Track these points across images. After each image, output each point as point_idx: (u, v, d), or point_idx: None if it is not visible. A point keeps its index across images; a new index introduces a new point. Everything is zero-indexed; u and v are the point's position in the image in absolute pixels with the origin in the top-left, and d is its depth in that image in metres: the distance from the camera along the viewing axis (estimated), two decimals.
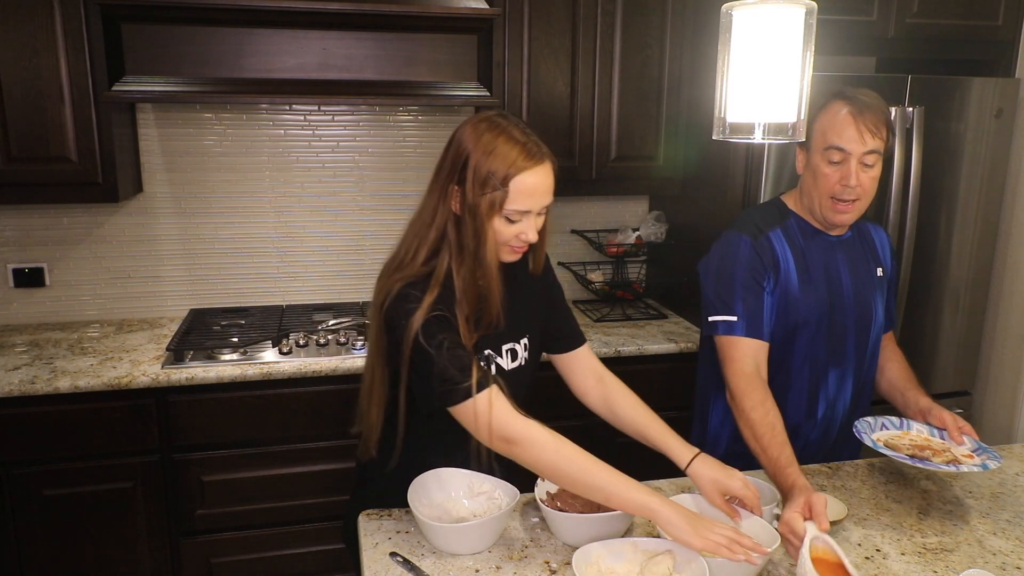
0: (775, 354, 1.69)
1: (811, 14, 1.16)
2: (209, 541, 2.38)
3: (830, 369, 1.73)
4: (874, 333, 1.77)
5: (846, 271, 1.72)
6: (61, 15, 2.24)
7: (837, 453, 1.82)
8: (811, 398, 1.74)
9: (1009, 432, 2.76)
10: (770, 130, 1.20)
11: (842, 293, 1.71)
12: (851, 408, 1.80)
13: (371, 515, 1.51)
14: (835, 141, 1.58)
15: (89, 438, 2.23)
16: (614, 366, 2.56)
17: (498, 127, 1.34)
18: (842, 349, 1.73)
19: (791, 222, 1.72)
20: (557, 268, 3.13)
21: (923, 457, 1.55)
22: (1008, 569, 1.37)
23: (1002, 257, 2.77)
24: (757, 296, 1.64)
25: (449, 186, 1.35)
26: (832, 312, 1.70)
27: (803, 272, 1.68)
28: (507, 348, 1.50)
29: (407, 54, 2.51)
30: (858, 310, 1.72)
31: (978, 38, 2.67)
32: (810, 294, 1.68)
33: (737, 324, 1.63)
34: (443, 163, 1.37)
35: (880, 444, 1.60)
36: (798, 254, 1.69)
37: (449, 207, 1.36)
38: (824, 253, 1.71)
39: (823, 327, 1.70)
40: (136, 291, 2.79)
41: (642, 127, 2.73)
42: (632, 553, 1.28)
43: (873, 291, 1.75)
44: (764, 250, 1.67)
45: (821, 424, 1.78)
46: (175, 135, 2.71)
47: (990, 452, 1.57)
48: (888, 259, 1.82)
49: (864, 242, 1.79)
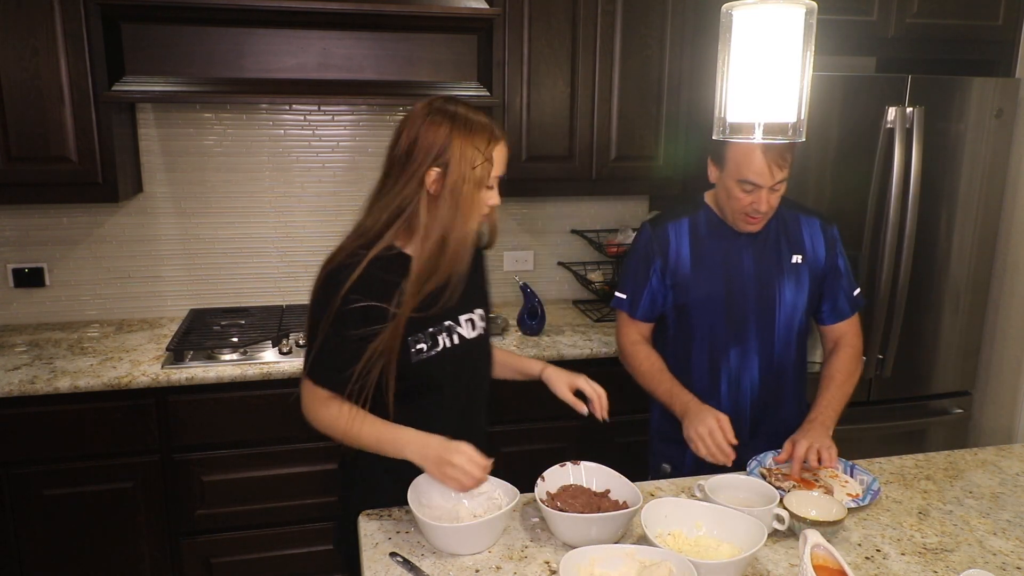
0: (676, 327, 1.92)
1: (811, 14, 1.16)
2: (209, 541, 2.38)
3: (731, 346, 1.87)
4: (781, 316, 1.86)
5: (749, 257, 1.85)
6: (61, 15, 2.24)
7: (757, 445, 1.85)
8: (712, 370, 1.89)
9: (1009, 432, 2.76)
10: (770, 130, 1.20)
11: (743, 276, 1.85)
12: (761, 389, 1.89)
13: (371, 515, 1.51)
14: (747, 176, 1.71)
15: (89, 438, 2.23)
16: (614, 366, 2.57)
17: (463, 107, 1.45)
18: (743, 329, 1.86)
19: (701, 213, 1.90)
20: (557, 268, 3.13)
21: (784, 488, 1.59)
22: (1008, 569, 1.37)
23: (1002, 257, 2.77)
24: (641, 281, 1.90)
25: (425, 171, 1.41)
26: (729, 293, 1.85)
27: (697, 257, 1.86)
28: (465, 319, 1.58)
29: (407, 54, 2.51)
30: (759, 293, 1.85)
31: (978, 38, 2.67)
32: (702, 277, 1.86)
33: (624, 302, 1.94)
34: (411, 151, 1.42)
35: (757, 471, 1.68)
36: (696, 241, 1.87)
37: (423, 190, 1.42)
38: (725, 241, 1.86)
39: (718, 306, 1.85)
40: (136, 291, 2.79)
41: (642, 127, 2.73)
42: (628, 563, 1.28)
43: (780, 277, 1.85)
44: (658, 238, 1.89)
45: (727, 399, 1.88)
46: (175, 135, 2.71)
47: (860, 501, 1.57)
48: (820, 249, 1.88)
49: (781, 231, 1.87)
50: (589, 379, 1.67)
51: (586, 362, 2.54)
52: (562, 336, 2.65)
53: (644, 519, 1.35)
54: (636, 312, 1.92)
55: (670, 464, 1.97)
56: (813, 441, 1.69)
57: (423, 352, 1.50)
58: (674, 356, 1.93)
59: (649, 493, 1.62)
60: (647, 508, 1.38)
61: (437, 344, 1.52)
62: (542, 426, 2.57)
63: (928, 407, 2.80)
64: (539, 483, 1.50)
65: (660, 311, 1.92)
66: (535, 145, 2.66)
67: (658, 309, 1.92)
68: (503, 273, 3.08)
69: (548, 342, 2.58)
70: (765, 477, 1.64)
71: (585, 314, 2.92)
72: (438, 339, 1.53)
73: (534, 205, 3.05)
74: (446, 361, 1.54)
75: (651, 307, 1.91)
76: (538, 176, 2.70)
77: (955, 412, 2.83)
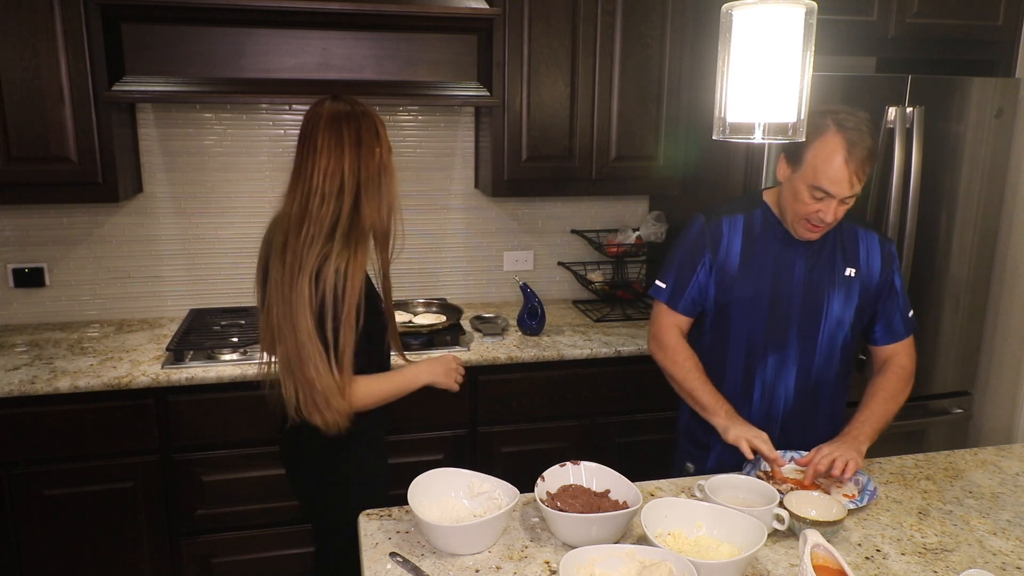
0: (714, 326, 1.86)
1: (811, 14, 1.16)
2: (209, 541, 2.38)
3: (769, 353, 1.81)
4: (825, 327, 1.79)
5: (801, 263, 1.79)
6: (61, 15, 2.24)
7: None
8: (747, 376, 1.83)
9: (1009, 432, 2.76)
10: (770, 130, 1.20)
11: (792, 281, 1.78)
12: (795, 401, 1.83)
13: (371, 515, 1.51)
14: (824, 184, 1.63)
15: (89, 438, 2.23)
16: (614, 366, 2.58)
17: (355, 104, 1.68)
18: (783, 336, 1.80)
19: (758, 212, 1.83)
20: (557, 268, 3.13)
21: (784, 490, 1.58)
22: (1008, 569, 1.37)
23: (1002, 257, 2.77)
24: (687, 273, 1.83)
25: (369, 151, 1.62)
26: (774, 297, 1.78)
27: (747, 255, 1.80)
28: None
29: (407, 54, 2.51)
30: (805, 300, 1.78)
31: (978, 38, 2.66)
32: (750, 276, 1.79)
33: (663, 291, 1.87)
34: (355, 136, 1.62)
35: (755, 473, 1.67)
36: (749, 239, 1.81)
37: (366, 169, 1.62)
38: (779, 243, 1.80)
39: (761, 309, 1.79)
40: (136, 291, 2.79)
41: (642, 127, 2.73)
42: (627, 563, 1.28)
43: (830, 288, 1.78)
44: (711, 230, 1.82)
45: (759, 409, 1.83)
46: (175, 135, 2.71)
47: (858, 502, 1.57)
48: (876, 265, 1.82)
49: (839, 241, 1.81)
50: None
51: (586, 362, 2.54)
52: (562, 336, 2.65)
53: (644, 519, 1.35)
54: (678, 305, 1.85)
55: (694, 465, 1.94)
56: (836, 451, 1.61)
57: None
58: (709, 356, 1.86)
59: (649, 493, 1.62)
60: (647, 508, 1.38)
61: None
62: (542, 426, 2.57)
63: (928, 407, 2.80)
64: (539, 483, 1.50)
65: (702, 307, 1.85)
66: (535, 145, 2.66)
67: (700, 304, 1.85)
68: (503, 273, 3.08)
69: (548, 342, 2.58)
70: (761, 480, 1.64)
71: (585, 314, 2.92)
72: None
73: (534, 205, 3.05)
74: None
75: (694, 302, 1.84)
76: (538, 176, 2.70)
77: (955, 412, 2.83)
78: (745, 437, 1.67)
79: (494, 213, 3.03)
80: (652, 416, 2.62)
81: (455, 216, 3.00)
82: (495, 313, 2.81)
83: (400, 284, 3.02)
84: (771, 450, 1.65)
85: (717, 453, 1.87)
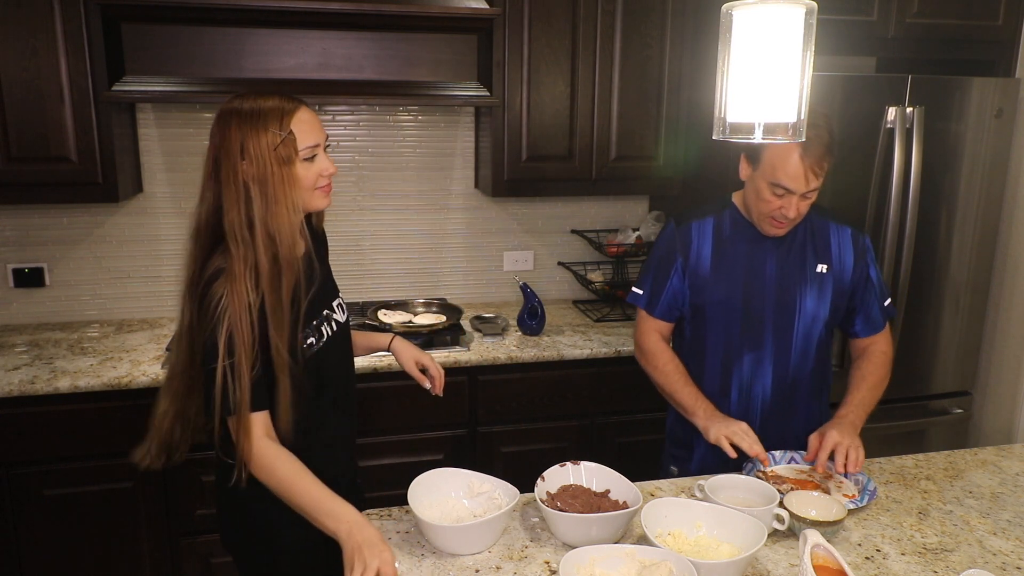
0: (691, 328, 1.90)
1: (811, 14, 1.16)
2: (209, 541, 2.38)
3: (745, 352, 1.83)
4: (799, 325, 1.81)
5: (772, 261, 1.81)
6: (61, 15, 2.24)
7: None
8: (724, 375, 1.85)
9: (1009, 432, 2.76)
10: (770, 130, 1.20)
11: (763, 280, 1.80)
12: (772, 398, 1.84)
13: (371, 515, 1.51)
14: (782, 181, 1.65)
15: (89, 438, 2.23)
16: (614, 366, 2.58)
17: (245, 99, 1.40)
18: (758, 334, 1.82)
19: (727, 213, 1.86)
20: (557, 268, 3.13)
21: (785, 490, 1.58)
22: (1008, 569, 1.37)
23: (1002, 257, 2.77)
24: (662, 279, 1.87)
25: (232, 169, 1.36)
26: (747, 296, 1.80)
27: (718, 257, 1.83)
28: (336, 303, 1.60)
29: (407, 54, 2.51)
30: (778, 299, 1.80)
31: (978, 38, 2.67)
32: (721, 277, 1.82)
33: (640, 298, 1.91)
34: (216, 159, 1.39)
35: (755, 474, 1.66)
36: (719, 241, 1.84)
37: (239, 188, 1.37)
38: (749, 243, 1.82)
39: (735, 309, 1.81)
40: (136, 291, 2.79)
41: (642, 127, 2.73)
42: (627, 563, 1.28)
43: (802, 284, 1.81)
44: (681, 235, 1.86)
45: (737, 407, 1.84)
46: (175, 135, 2.71)
47: (858, 502, 1.56)
48: (848, 259, 1.83)
49: (808, 238, 1.82)
50: (433, 359, 1.79)
51: (586, 362, 2.54)
52: (562, 336, 2.65)
53: (644, 519, 1.35)
54: (655, 310, 1.89)
55: (677, 468, 1.96)
56: (843, 439, 1.64)
57: (313, 346, 1.48)
58: (688, 357, 1.89)
59: (649, 493, 1.62)
60: (647, 508, 1.38)
61: (323, 335, 1.51)
62: (542, 426, 2.57)
63: (928, 407, 2.80)
64: (539, 483, 1.50)
65: (680, 311, 1.89)
66: (535, 145, 2.66)
67: (678, 309, 1.88)
68: (503, 273, 3.08)
69: (548, 342, 2.58)
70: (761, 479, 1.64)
71: (585, 314, 2.92)
72: (322, 330, 1.51)
73: (534, 205, 3.05)
74: (332, 350, 1.53)
75: (671, 307, 1.88)
76: (538, 176, 2.70)
77: (955, 412, 2.83)
78: (725, 434, 1.67)
79: (494, 213, 3.03)
80: (652, 416, 2.62)
81: (455, 216, 3.00)
82: (495, 313, 2.81)
83: (400, 284, 3.02)
84: (752, 444, 1.65)
85: (700, 455, 1.88)
